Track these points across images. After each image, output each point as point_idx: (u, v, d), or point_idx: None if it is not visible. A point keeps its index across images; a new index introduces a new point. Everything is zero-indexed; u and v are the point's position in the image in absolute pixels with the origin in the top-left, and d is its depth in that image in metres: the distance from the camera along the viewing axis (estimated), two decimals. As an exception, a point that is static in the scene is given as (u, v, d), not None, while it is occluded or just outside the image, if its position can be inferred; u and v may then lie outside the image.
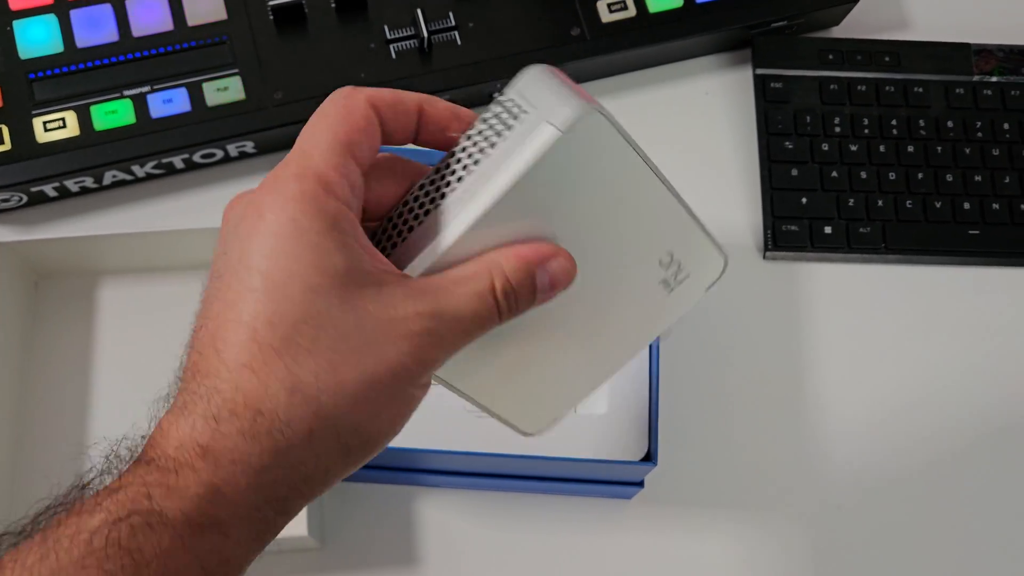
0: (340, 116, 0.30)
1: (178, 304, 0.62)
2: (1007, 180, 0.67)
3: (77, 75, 0.62)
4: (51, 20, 0.63)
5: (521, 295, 0.30)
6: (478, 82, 0.65)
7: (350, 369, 0.27)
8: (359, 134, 0.30)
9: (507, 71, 0.66)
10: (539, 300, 0.31)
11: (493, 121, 0.30)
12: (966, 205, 0.67)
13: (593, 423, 0.53)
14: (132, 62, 0.63)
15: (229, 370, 0.27)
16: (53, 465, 0.59)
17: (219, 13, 0.64)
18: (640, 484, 0.56)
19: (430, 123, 0.31)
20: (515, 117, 0.29)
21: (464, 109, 0.32)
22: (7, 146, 0.60)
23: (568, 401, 0.37)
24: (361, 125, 0.30)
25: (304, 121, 0.67)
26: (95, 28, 0.63)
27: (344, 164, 0.29)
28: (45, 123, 0.61)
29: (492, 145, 0.29)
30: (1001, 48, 0.70)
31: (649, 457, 0.51)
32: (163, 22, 0.64)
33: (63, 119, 0.61)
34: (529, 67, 0.30)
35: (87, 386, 0.60)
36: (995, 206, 0.67)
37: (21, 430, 0.59)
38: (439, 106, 0.32)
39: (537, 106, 0.29)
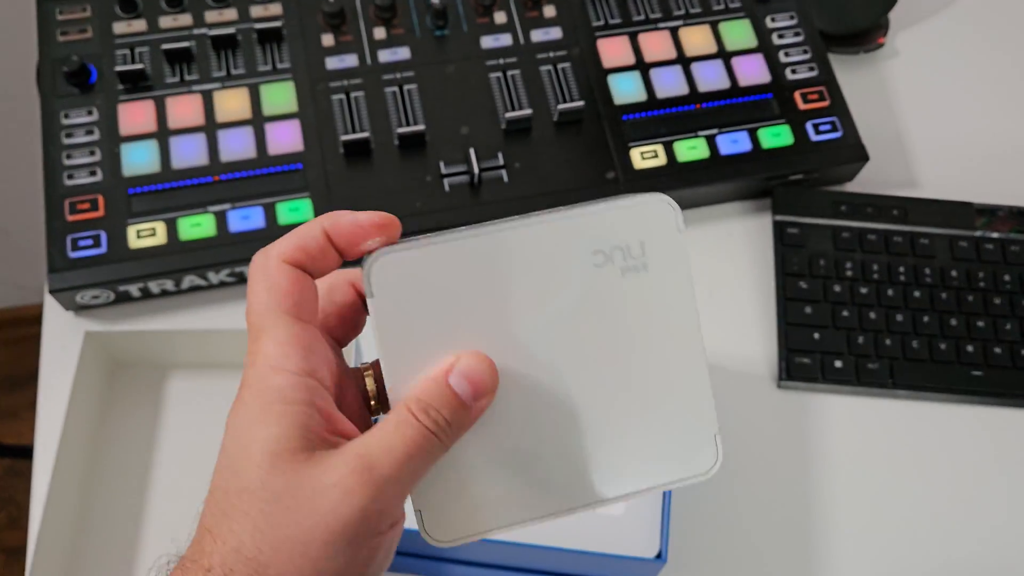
0: (265, 287, 0.32)
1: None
2: (1008, 327, 0.72)
3: (170, 192, 0.71)
4: (152, 144, 0.72)
5: (444, 408, 0.32)
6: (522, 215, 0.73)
7: (285, 528, 0.30)
8: (288, 297, 0.32)
9: (548, 205, 0.73)
10: (475, 408, 0.33)
11: None
12: (969, 348, 0.72)
13: (608, 523, 0.57)
14: (218, 183, 0.72)
15: (202, 532, 0.32)
16: (110, 544, 0.64)
17: (297, 145, 0.73)
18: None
19: (344, 246, 0.33)
20: None
21: (371, 216, 0.33)
22: (103, 250, 0.68)
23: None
24: (285, 287, 0.32)
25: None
26: (189, 153, 0.72)
27: (290, 335, 0.32)
28: (138, 231, 0.69)
29: None
30: (1001, 208, 0.77)
31: (660, 555, 0.55)
32: (248, 150, 0.73)
33: (154, 229, 0.70)
34: None
35: (149, 467, 0.66)
36: (997, 350, 0.71)
37: (86, 502, 0.65)
38: (343, 223, 0.33)
39: None
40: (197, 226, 0.70)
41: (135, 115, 0.73)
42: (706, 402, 0.35)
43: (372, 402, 0.36)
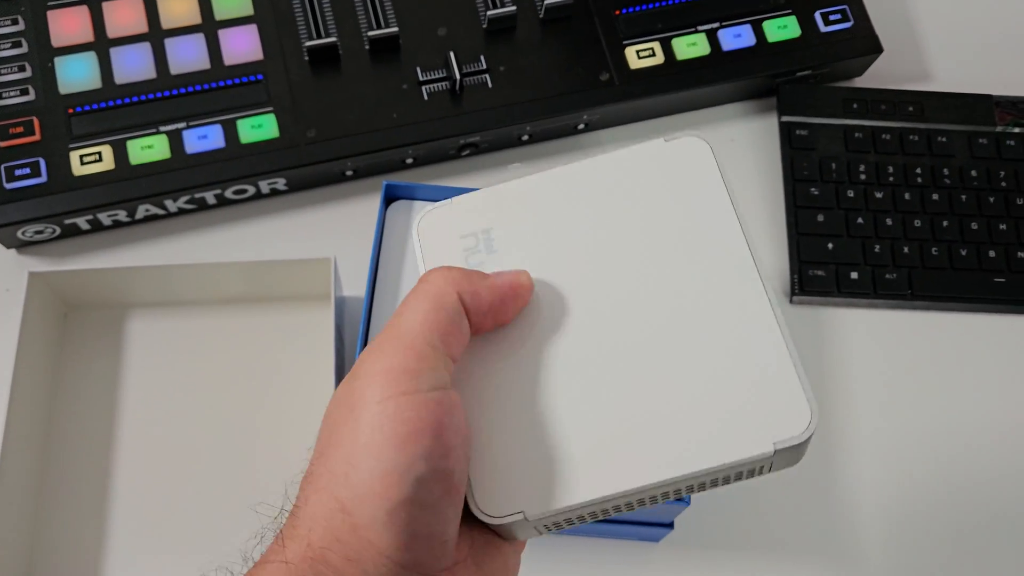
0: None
1: (205, 338, 0.63)
2: (1032, 229, 0.68)
3: (114, 110, 0.63)
4: (91, 57, 0.64)
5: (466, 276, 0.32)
6: (508, 124, 0.66)
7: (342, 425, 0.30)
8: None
9: (537, 114, 0.67)
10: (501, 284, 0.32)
11: None
12: (991, 253, 0.67)
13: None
14: (169, 99, 0.64)
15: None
16: (76, 495, 0.58)
17: (256, 53, 0.65)
18: (670, 526, 0.56)
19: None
20: None
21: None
22: (43, 179, 0.61)
23: None
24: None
25: (335, 159, 0.67)
26: (134, 65, 0.64)
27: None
28: (82, 156, 0.62)
29: None
30: (1021, 100, 0.71)
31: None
32: (200, 61, 0.65)
33: (99, 153, 0.62)
34: None
35: (112, 418, 0.60)
36: (1020, 254, 0.67)
37: (46, 460, 0.59)
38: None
39: None
40: (149, 148, 0.63)
41: (68, 23, 0.65)
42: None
43: None
